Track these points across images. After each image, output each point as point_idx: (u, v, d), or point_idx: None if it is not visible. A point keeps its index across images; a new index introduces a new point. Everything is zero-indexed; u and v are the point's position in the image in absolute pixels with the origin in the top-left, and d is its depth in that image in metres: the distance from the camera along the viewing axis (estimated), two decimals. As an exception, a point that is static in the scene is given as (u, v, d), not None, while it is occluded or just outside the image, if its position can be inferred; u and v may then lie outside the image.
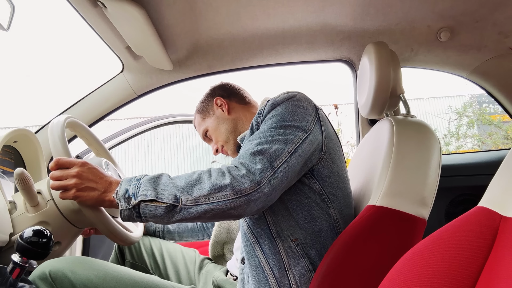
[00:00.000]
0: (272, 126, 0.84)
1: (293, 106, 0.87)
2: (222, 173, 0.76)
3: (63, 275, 0.77)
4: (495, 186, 0.57)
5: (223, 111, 1.15)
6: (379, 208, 0.83)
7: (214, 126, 1.16)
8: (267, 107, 0.89)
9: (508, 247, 0.48)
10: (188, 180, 0.76)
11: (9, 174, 1.06)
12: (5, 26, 0.93)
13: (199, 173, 0.78)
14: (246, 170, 0.75)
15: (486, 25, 1.26)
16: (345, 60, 1.49)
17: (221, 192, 0.73)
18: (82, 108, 1.46)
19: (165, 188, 0.74)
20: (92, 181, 0.78)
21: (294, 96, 0.89)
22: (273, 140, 0.81)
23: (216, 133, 1.15)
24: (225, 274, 1.05)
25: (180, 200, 0.73)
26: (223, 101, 1.16)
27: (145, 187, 0.74)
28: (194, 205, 0.73)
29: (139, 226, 1.09)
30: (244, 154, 0.80)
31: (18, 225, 0.84)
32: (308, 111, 0.88)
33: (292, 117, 0.85)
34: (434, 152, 0.90)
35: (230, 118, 1.15)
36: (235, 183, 0.74)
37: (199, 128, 1.21)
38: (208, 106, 1.19)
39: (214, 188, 0.73)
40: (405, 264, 0.55)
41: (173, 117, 1.76)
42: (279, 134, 0.82)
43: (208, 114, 1.18)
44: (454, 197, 1.54)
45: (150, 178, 0.76)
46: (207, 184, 0.74)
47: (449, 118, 7.18)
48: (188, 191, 0.74)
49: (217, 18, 1.19)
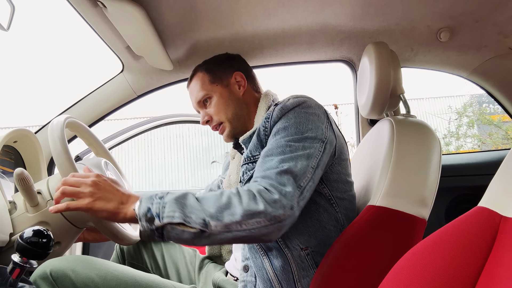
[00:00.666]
0: (290, 140, 0.81)
1: (305, 114, 0.85)
2: (253, 196, 0.72)
3: (64, 275, 0.77)
4: (495, 186, 0.57)
5: (239, 89, 1.04)
6: (379, 208, 0.83)
7: (223, 98, 1.03)
8: (276, 112, 0.86)
9: (508, 247, 0.48)
10: (217, 204, 0.71)
11: (9, 174, 1.06)
12: (5, 26, 0.93)
13: (228, 196, 0.73)
14: (279, 194, 0.72)
15: (486, 25, 1.26)
16: (345, 60, 1.49)
17: (254, 219, 0.70)
18: (82, 108, 1.46)
19: (192, 210, 0.70)
20: (109, 191, 0.74)
21: (304, 102, 0.87)
22: (296, 156, 0.78)
23: (222, 107, 1.02)
24: (225, 274, 1.05)
25: (209, 226, 0.69)
26: (243, 79, 1.05)
27: (171, 208, 0.69)
28: (224, 232, 0.69)
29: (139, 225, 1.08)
30: (270, 174, 0.76)
31: (18, 225, 0.84)
32: (320, 118, 0.86)
33: (307, 126, 0.83)
34: (434, 152, 0.90)
35: (242, 100, 1.04)
36: (269, 209, 0.70)
37: (201, 90, 1.04)
38: (224, 73, 1.05)
39: (247, 215, 0.70)
40: (405, 264, 0.55)
41: (173, 117, 1.76)
42: (299, 148, 0.79)
43: (220, 81, 1.04)
44: (454, 197, 1.54)
45: (176, 198, 0.71)
46: (239, 209, 0.70)
47: (449, 118, 7.18)
48: (218, 217, 0.69)
49: (217, 18, 1.19)
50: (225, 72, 1.05)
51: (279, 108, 0.86)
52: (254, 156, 0.90)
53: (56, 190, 0.76)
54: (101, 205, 0.73)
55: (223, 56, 1.11)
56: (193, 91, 1.07)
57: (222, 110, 1.02)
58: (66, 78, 14.01)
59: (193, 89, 1.07)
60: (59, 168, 0.82)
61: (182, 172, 8.51)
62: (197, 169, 8.53)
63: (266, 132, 0.88)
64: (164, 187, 8.28)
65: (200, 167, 8.52)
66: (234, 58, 1.11)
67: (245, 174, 0.91)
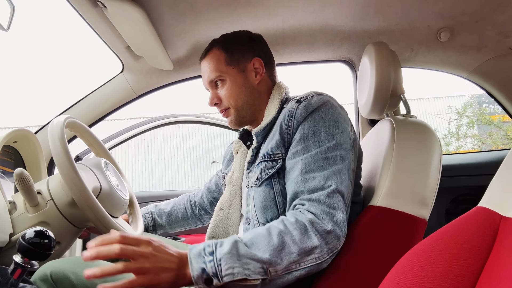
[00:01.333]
0: (324, 150, 0.79)
1: (333, 115, 0.83)
2: (304, 230, 0.70)
3: (64, 276, 0.77)
4: (495, 186, 0.57)
5: (255, 77, 0.96)
6: (379, 208, 0.83)
7: (237, 84, 0.95)
8: (301, 111, 0.83)
9: (508, 247, 0.48)
10: (270, 247, 0.68)
11: (9, 174, 1.06)
12: (5, 26, 0.93)
13: (279, 234, 0.69)
14: (332, 223, 0.71)
15: (486, 25, 1.26)
16: (345, 60, 1.49)
17: (312, 255, 0.69)
18: (82, 108, 1.46)
19: (247, 261, 0.66)
20: (166, 260, 0.65)
21: (328, 101, 0.85)
22: (337, 171, 0.77)
23: (234, 92, 0.95)
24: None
25: (269, 272, 0.66)
26: (261, 67, 0.97)
27: (229, 265, 0.65)
28: (285, 274, 0.68)
29: (139, 225, 1.09)
30: (318, 197, 0.74)
31: (18, 225, 0.84)
32: (346, 120, 0.86)
33: (337, 131, 0.81)
34: (435, 153, 0.90)
35: (256, 89, 0.97)
36: (323, 242, 0.70)
37: (215, 69, 0.96)
38: (243, 57, 0.96)
39: (304, 252, 0.68)
40: (406, 264, 0.55)
41: (173, 117, 1.76)
42: (337, 160, 0.78)
43: (237, 64, 0.96)
44: (454, 197, 1.54)
45: (229, 252, 0.66)
46: (294, 248, 0.68)
47: (449, 118, 7.19)
48: (276, 261, 0.67)
49: (217, 18, 1.19)
50: (244, 55, 0.96)
51: (303, 106, 0.84)
52: (275, 154, 0.86)
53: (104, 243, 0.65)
54: (162, 277, 0.64)
55: (244, 36, 1.00)
56: (206, 69, 0.98)
57: (233, 96, 0.95)
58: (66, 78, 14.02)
59: (206, 66, 0.98)
60: (59, 168, 0.82)
61: (182, 172, 8.52)
62: (197, 169, 8.53)
63: (289, 131, 0.85)
64: (164, 187, 8.29)
65: (200, 167, 8.52)
66: (255, 40, 1.00)
67: (263, 173, 0.87)
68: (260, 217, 0.86)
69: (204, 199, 1.25)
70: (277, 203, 0.85)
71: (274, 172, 0.85)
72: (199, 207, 1.26)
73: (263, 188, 0.86)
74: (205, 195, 1.25)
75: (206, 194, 1.25)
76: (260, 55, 0.98)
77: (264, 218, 0.85)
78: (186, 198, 1.29)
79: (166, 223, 1.25)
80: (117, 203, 0.97)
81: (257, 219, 0.87)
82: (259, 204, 0.87)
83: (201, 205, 1.25)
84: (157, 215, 1.24)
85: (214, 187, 1.23)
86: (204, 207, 1.25)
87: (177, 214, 1.26)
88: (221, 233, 1.12)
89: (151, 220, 1.23)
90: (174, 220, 1.26)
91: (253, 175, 0.90)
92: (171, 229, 1.26)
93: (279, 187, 0.85)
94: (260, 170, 0.88)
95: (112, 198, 0.95)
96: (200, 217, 1.27)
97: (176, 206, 1.27)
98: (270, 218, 0.85)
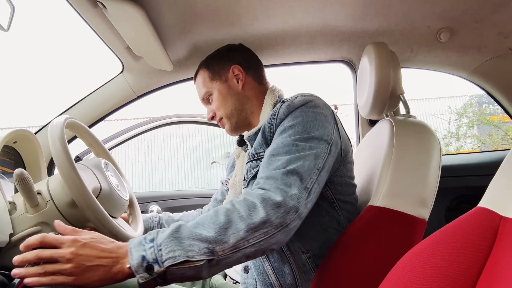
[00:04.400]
0: (296, 139, 0.79)
1: (313, 113, 0.83)
2: (252, 206, 0.67)
3: None
4: (495, 187, 0.57)
5: (237, 83, 1.03)
6: (379, 208, 0.83)
7: (222, 95, 1.03)
8: (283, 110, 0.84)
9: (508, 247, 0.48)
10: (216, 225, 0.64)
11: (9, 175, 1.06)
12: (5, 26, 0.93)
13: (225, 213, 0.67)
14: (282, 196, 0.68)
15: (486, 26, 1.26)
16: (345, 61, 1.49)
17: (260, 230, 0.65)
18: (82, 108, 1.46)
19: (191, 242, 0.62)
20: (93, 258, 0.61)
21: (312, 101, 0.85)
22: (302, 156, 0.75)
23: (221, 103, 1.03)
24: (223, 278, 1.04)
25: (216, 252, 0.62)
26: (241, 73, 1.04)
27: (169, 248, 0.61)
28: (232, 253, 0.63)
29: (138, 226, 1.08)
30: (275, 174, 0.73)
31: (17, 226, 0.84)
32: (327, 119, 0.84)
33: (314, 127, 0.81)
34: (434, 153, 0.90)
35: (242, 94, 1.03)
36: (272, 216, 0.66)
37: (202, 87, 1.07)
38: (223, 69, 1.05)
39: (251, 228, 0.64)
40: (405, 265, 0.55)
41: (173, 117, 1.76)
42: (305, 148, 0.77)
43: (219, 77, 1.05)
44: (454, 197, 1.54)
45: (169, 235, 0.63)
46: (242, 224, 0.65)
47: (449, 118, 7.19)
48: (222, 239, 0.63)
49: (217, 19, 1.19)
50: (223, 67, 1.05)
51: (286, 105, 0.85)
52: (259, 153, 0.88)
53: (25, 248, 0.63)
54: (89, 277, 0.61)
55: (223, 49, 1.10)
56: (197, 89, 1.11)
57: (222, 106, 1.03)
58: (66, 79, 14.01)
59: (197, 87, 1.11)
60: (59, 169, 0.82)
61: (182, 172, 8.52)
62: (197, 170, 8.53)
63: (271, 129, 0.86)
64: (164, 187, 8.29)
65: (200, 167, 8.52)
66: (234, 50, 1.09)
67: (249, 172, 0.89)
68: None
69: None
70: None
71: (257, 171, 0.85)
72: None
73: (250, 188, 0.86)
74: (213, 206, 1.26)
75: (214, 204, 1.25)
76: (238, 62, 1.05)
77: None
78: (196, 212, 1.30)
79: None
80: (117, 204, 0.97)
81: None
82: None
83: None
84: (165, 221, 1.24)
85: (221, 197, 1.24)
86: None
87: (173, 217, 1.26)
88: None
89: (158, 225, 1.23)
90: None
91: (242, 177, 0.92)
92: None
93: None
94: (246, 171, 0.90)
95: (112, 198, 0.95)
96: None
97: (185, 216, 1.28)
98: None
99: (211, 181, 8.18)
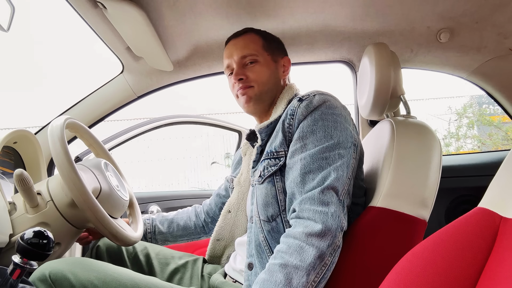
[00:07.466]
0: (322, 149, 0.79)
1: (332, 116, 0.83)
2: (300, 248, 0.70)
3: (63, 277, 0.77)
4: (495, 187, 0.57)
5: (283, 73, 1.03)
6: (379, 209, 0.83)
7: (268, 70, 0.98)
8: (302, 110, 0.84)
9: (508, 248, 0.48)
10: (280, 286, 0.67)
11: (9, 175, 1.06)
12: (5, 27, 0.93)
13: (279, 270, 0.69)
14: (322, 222, 0.71)
15: (486, 26, 1.26)
16: (345, 61, 1.49)
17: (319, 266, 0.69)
18: (82, 109, 1.46)
19: None
20: None
21: (329, 101, 0.85)
22: (335, 168, 0.77)
23: (263, 75, 0.97)
24: (223, 276, 1.04)
25: None
26: (289, 66, 1.04)
27: None
28: None
29: (138, 226, 1.08)
30: (311, 195, 0.75)
31: (17, 226, 0.84)
32: (347, 120, 0.86)
33: (336, 131, 0.81)
34: (435, 153, 0.90)
35: (279, 83, 1.01)
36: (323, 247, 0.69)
37: (250, 48, 0.98)
38: (277, 50, 1.03)
39: (310, 270, 0.68)
40: (406, 265, 0.55)
41: (173, 118, 1.77)
42: (335, 158, 0.79)
43: (271, 53, 1.00)
44: (454, 198, 1.54)
45: None
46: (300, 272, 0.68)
47: (449, 119, 7.18)
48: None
49: (217, 19, 1.19)
50: (278, 50, 1.03)
51: (304, 105, 0.85)
52: (279, 152, 0.87)
53: None
54: None
55: (276, 37, 1.07)
56: (240, 45, 0.99)
57: (262, 79, 0.97)
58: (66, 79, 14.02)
59: (241, 42, 1.00)
60: (59, 169, 0.82)
61: (182, 173, 8.52)
62: (197, 170, 8.53)
63: (290, 129, 0.86)
64: (164, 187, 8.28)
65: (200, 168, 8.52)
66: (283, 45, 1.08)
67: (266, 170, 0.88)
68: (261, 214, 0.87)
69: (213, 206, 1.25)
70: (278, 200, 0.85)
71: (276, 170, 0.86)
72: (206, 214, 1.25)
73: (265, 185, 0.87)
74: (214, 201, 1.25)
75: (216, 199, 1.25)
76: (286, 57, 1.05)
77: (265, 215, 0.86)
78: (191, 208, 1.30)
79: (167, 230, 1.24)
80: (117, 204, 0.97)
81: (258, 216, 0.88)
82: (261, 201, 0.87)
83: (208, 212, 1.25)
84: (158, 222, 1.24)
85: (224, 192, 1.23)
86: (212, 214, 1.24)
87: (178, 222, 1.26)
88: (227, 236, 1.12)
89: (151, 226, 1.22)
90: (175, 227, 1.25)
91: (257, 173, 0.92)
92: (172, 237, 1.25)
93: (280, 185, 0.86)
94: (263, 168, 0.89)
95: (112, 199, 0.95)
96: (205, 226, 1.26)
97: (179, 214, 1.27)
98: (271, 215, 0.85)
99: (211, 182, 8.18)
